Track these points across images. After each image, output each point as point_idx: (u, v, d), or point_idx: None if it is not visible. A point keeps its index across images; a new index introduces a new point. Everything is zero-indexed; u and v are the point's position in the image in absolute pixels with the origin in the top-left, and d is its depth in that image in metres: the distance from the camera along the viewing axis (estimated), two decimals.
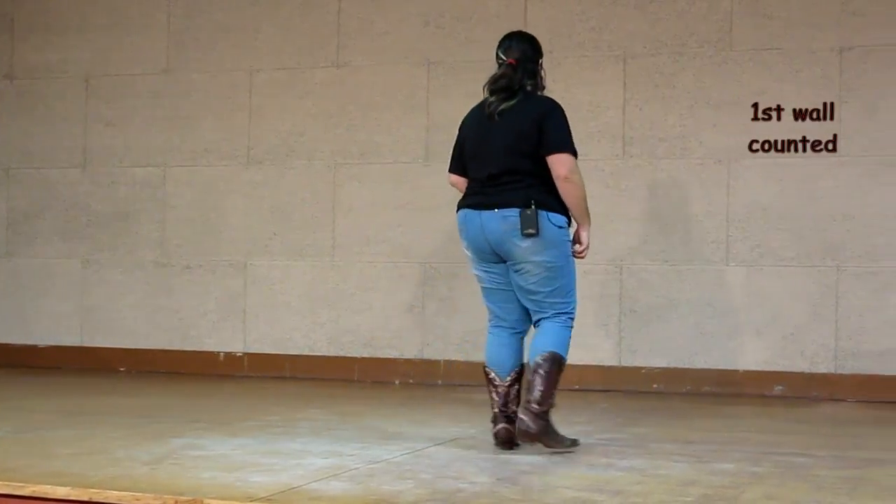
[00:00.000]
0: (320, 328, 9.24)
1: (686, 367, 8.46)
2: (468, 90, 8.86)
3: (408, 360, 8.96)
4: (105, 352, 9.78)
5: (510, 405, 5.82)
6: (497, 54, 5.96)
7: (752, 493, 4.72)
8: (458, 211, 5.85)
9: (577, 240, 5.81)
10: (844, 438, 6.46)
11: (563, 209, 5.71)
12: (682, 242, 8.49)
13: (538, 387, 5.66)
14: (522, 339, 5.99)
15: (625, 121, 8.63)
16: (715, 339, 8.42)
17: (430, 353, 8.96)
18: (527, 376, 5.77)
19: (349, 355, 9.17)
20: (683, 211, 8.47)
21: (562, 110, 5.80)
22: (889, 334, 8.14)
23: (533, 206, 5.59)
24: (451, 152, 6.03)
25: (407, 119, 9.09)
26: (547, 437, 5.66)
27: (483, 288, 5.96)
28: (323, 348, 9.22)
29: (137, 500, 4.46)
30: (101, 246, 9.86)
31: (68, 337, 9.92)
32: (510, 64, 5.83)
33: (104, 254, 9.85)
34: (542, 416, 5.65)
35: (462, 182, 5.94)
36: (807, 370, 8.26)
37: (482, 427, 6.52)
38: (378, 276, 9.11)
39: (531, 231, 5.57)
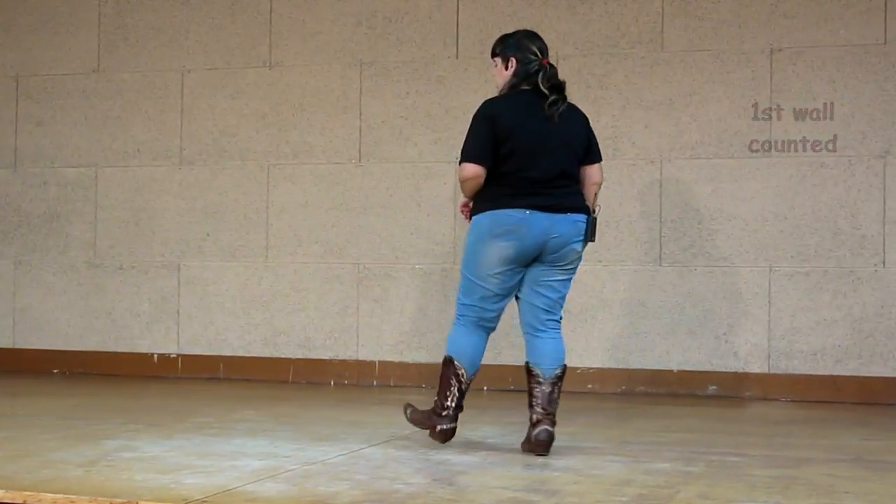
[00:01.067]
0: (254, 329, 9.22)
1: (620, 367, 8.51)
2: (400, 90, 8.92)
3: (342, 361, 8.95)
4: (37, 353, 9.70)
5: (462, 405, 5.87)
6: (531, 49, 5.81)
7: (687, 493, 4.76)
8: (507, 209, 5.64)
9: None
10: (777, 438, 6.52)
11: None
12: (614, 243, 8.54)
13: (557, 399, 5.80)
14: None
15: None
16: (648, 339, 8.48)
17: (365, 354, 8.96)
18: (543, 388, 5.77)
19: (284, 356, 9.16)
20: (616, 211, 8.51)
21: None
22: (821, 334, 8.23)
23: (593, 215, 5.75)
24: (478, 143, 5.74)
25: (340, 119, 9.09)
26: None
27: (486, 290, 5.77)
28: (257, 349, 9.19)
29: (72, 502, 4.43)
30: (33, 247, 9.78)
31: (0, 338, 9.82)
32: (546, 64, 5.78)
33: (36, 254, 9.77)
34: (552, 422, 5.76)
35: (483, 175, 5.71)
36: (740, 370, 8.33)
37: (417, 428, 6.52)
38: (312, 276, 9.10)
39: (593, 239, 5.77)
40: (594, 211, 5.76)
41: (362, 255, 8.94)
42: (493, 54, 5.97)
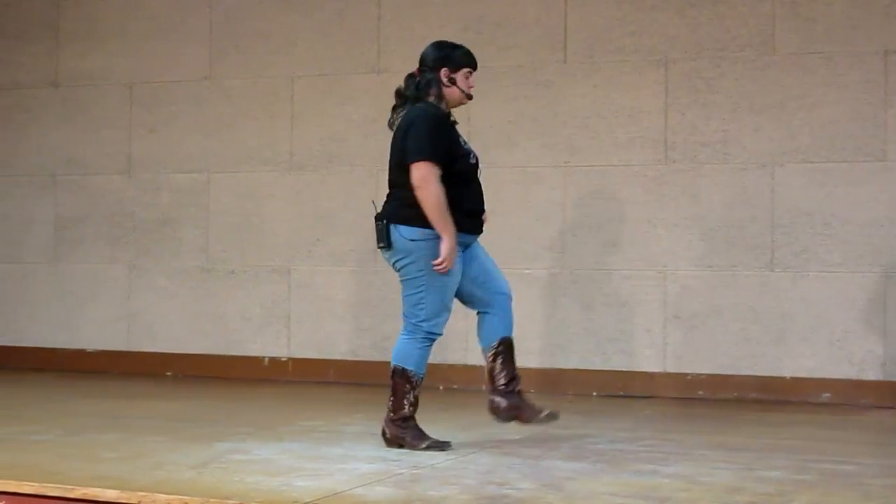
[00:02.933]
0: (364, 333, 9.26)
1: (731, 373, 8.42)
2: (507, 95, 8.92)
3: (451, 366, 8.95)
4: (151, 356, 9.84)
5: (497, 379, 6.26)
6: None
7: (799, 502, 4.70)
8: None
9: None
10: (893, 447, 6.43)
11: (422, 221, 5.77)
12: (725, 248, 8.46)
13: (391, 396, 6.02)
14: (485, 317, 6.40)
15: (666, 126, 8.61)
16: (760, 346, 8.39)
17: (473, 359, 8.94)
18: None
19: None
20: (727, 216, 8.44)
21: (427, 117, 5.85)
22: None
23: (384, 220, 5.82)
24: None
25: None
26: (406, 440, 5.93)
27: None
28: (366, 353, 9.23)
29: (185, 503, 4.48)
30: (146, 251, 9.92)
31: (114, 341, 9.98)
32: (410, 74, 6.02)
33: (149, 259, 9.91)
34: (396, 422, 5.96)
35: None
36: (854, 377, 8.21)
37: (528, 433, 6.52)
38: None
39: (381, 244, 5.86)
40: (382, 220, 5.84)
41: None
42: None
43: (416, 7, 9.25)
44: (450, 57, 6.12)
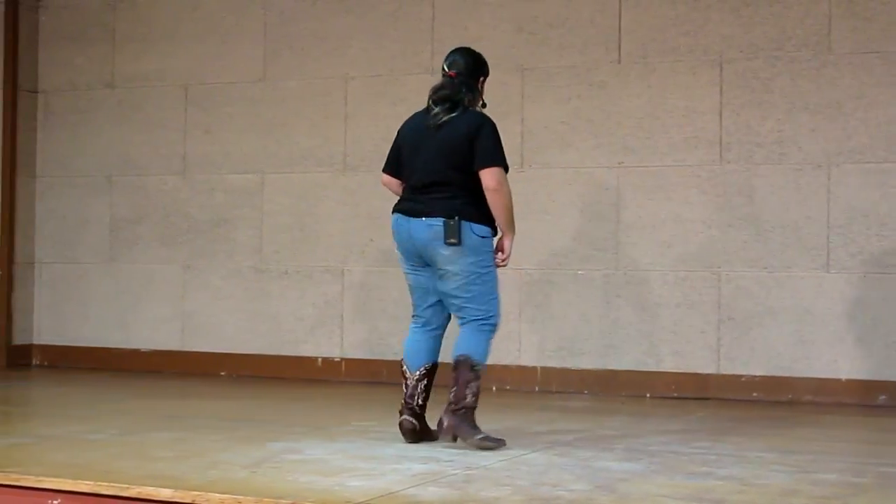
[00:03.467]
0: None
1: (785, 375, 8.37)
2: (561, 96, 8.90)
3: (504, 367, 8.94)
4: (204, 356, 9.89)
5: (416, 398, 6.18)
6: (442, 67, 6.31)
7: None
8: (392, 215, 6.21)
9: (500, 248, 6.13)
10: None
11: (487, 220, 6.04)
12: (780, 249, 8.41)
13: (453, 386, 6.05)
14: (437, 337, 6.32)
15: (721, 126, 8.56)
16: (815, 347, 8.32)
17: (527, 360, 8.95)
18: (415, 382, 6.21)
19: (446, 361, 9.16)
20: (782, 217, 8.39)
21: (493, 125, 6.12)
22: None
23: (456, 217, 5.93)
24: (389, 153, 6.38)
25: (501, 125, 8.98)
26: (461, 431, 5.98)
27: (409, 286, 6.31)
28: None
29: (238, 502, 4.51)
30: (200, 252, 9.97)
31: (169, 341, 10.04)
32: (451, 76, 6.20)
33: (203, 260, 9.96)
34: (458, 413, 5.99)
35: (394, 183, 6.35)
36: None
37: (580, 434, 6.52)
38: None
39: (453, 241, 5.93)
40: (455, 216, 5.94)
41: (524, 260, 8.92)
42: None
43: (469, 8, 9.25)
44: (485, 66, 6.45)
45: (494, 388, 8.89)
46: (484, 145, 6.02)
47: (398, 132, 6.35)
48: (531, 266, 8.94)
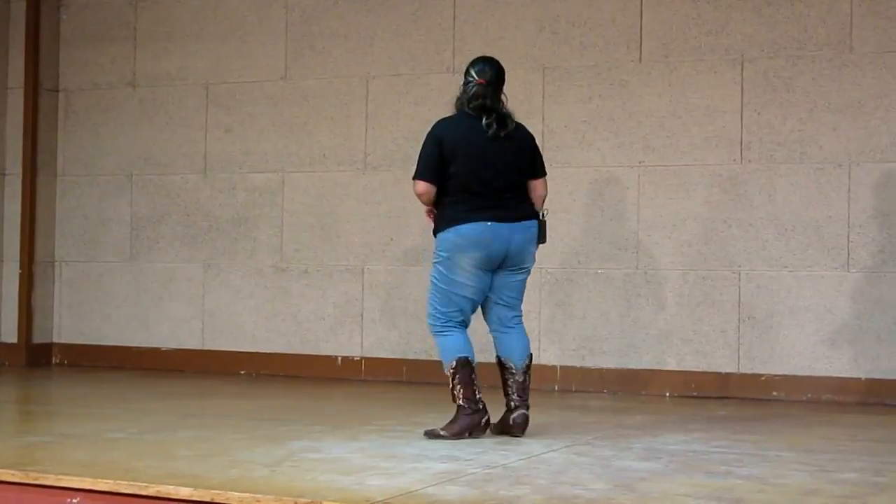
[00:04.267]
0: None
1: (806, 374, 8.35)
2: (583, 95, 8.90)
3: None
4: (225, 355, 9.91)
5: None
6: (467, 72, 6.51)
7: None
8: (469, 223, 6.25)
9: None
10: None
11: None
12: (801, 248, 8.39)
13: (528, 385, 6.44)
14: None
15: (742, 125, 8.55)
16: (836, 347, 8.30)
17: (547, 359, 8.94)
18: (517, 378, 6.40)
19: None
20: (803, 216, 8.37)
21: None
22: None
23: (542, 218, 6.46)
24: (427, 161, 6.37)
25: (523, 124, 9.07)
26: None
27: (464, 296, 6.36)
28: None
29: (258, 501, 4.52)
30: (222, 251, 10.00)
31: (190, 340, 10.06)
32: (481, 83, 6.42)
33: (224, 258, 9.99)
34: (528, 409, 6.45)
35: (434, 192, 6.36)
36: None
37: (599, 433, 6.52)
38: None
39: (544, 241, 6.48)
40: (542, 215, 6.46)
41: (544, 259, 8.91)
42: None
43: (491, 7, 9.25)
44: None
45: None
46: (540, 157, 6.57)
47: (440, 141, 6.36)
48: (552, 265, 8.93)
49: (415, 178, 6.40)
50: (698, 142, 8.65)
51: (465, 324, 6.41)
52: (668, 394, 8.57)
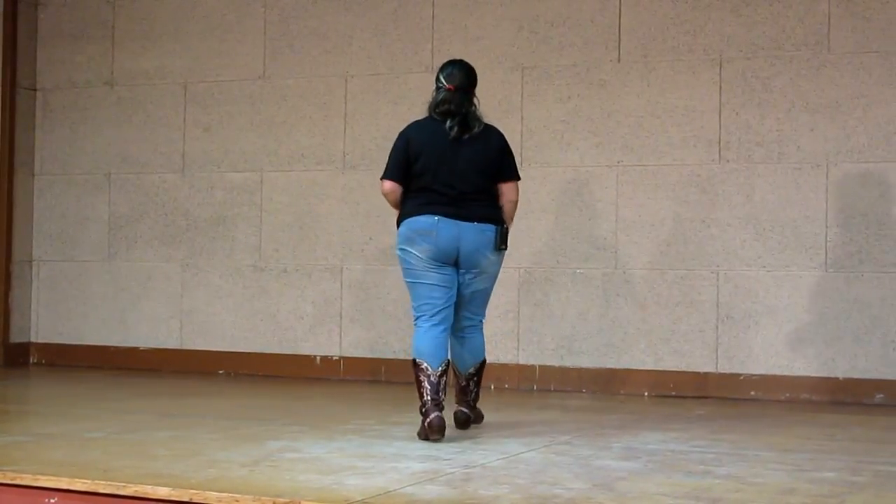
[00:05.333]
0: None
1: (784, 374, 8.37)
2: (561, 95, 8.91)
3: (503, 365, 8.94)
4: (204, 354, 9.89)
5: (441, 394, 6.28)
6: (437, 78, 6.60)
7: (852, 503, 4.66)
8: (418, 216, 6.38)
9: None
10: None
11: None
12: (779, 248, 8.41)
13: (473, 389, 6.64)
14: (448, 336, 6.50)
15: (721, 125, 8.57)
16: (813, 346, 8.33)
17: (525, 358, 8.95)
18: (460, 382, 6.63)
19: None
20: (781, 216, 8.39)
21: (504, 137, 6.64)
22: None
23: (504, 225, 6.46)
24: (393, 162, 6.51)
25: (501, 124, 9.01)
26: (478, 419, 6.74)
27: (426, 285, 6.41)
28: None
29: (237, 501, 4.51)
30: (200, 250, 9.98)
31: (168, 339, 10.04)
32: (449, 90, 6.48)
33: (202, 258, 9.97)
34: (475, 408, 6.70)
35: (399, 191, 6.50)
36: None
37: (578, 433, 6.53)
38: None
39: (504, 246, 6.45)
40: (501, 224, 6.43)
41: (523, 259, 8.94)
42: None
43: (470, 7, 9.25)
44: (476, 80, 6.73)
45: (493, 387, 8.90)
46: (510, 160, 6.58)
47: (407, 142, 6.49)
48: (530, 264, 8.94)
49: (382, 177, 6.56)
50: (676, 142, 8.66)
51: (440, 316, 6.39)
52: (646, 393, 8.58)
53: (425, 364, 6.28)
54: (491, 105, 9.10)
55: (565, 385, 8.81)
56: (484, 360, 6.68)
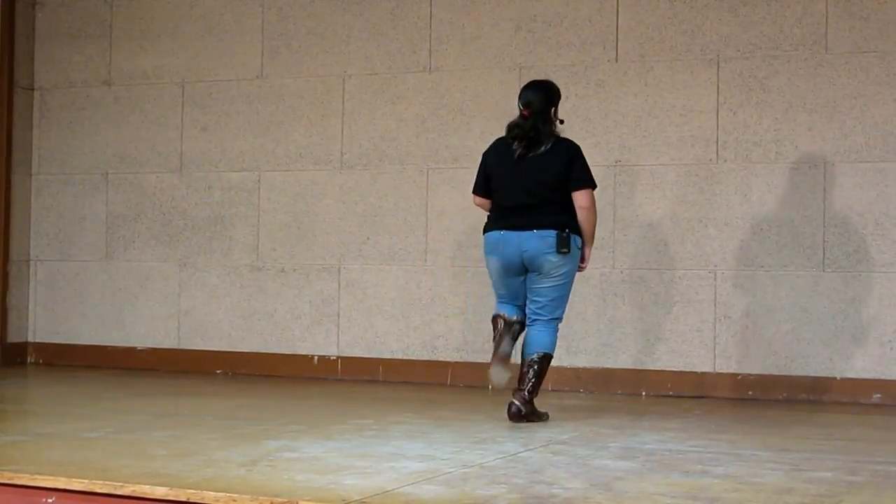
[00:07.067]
0: (413, 332, 9.27)
1: (781, 373, 8.37)
2: None
3: None
4: (201, 354, 9.89)
5: (510, 334, 7.10)
6: (518, 104, 7.15)
7: (849, 503, 4.67)
8: (490, 231, 7.14)
9: (582, 257, 7.08)
10: None
11: (579, 232, 7.02)
12: (776, 248, 8.41)
13: (531, 379, 6.94)
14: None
15: (718, 125, 8.57)
16: (811, 346, 8.33)
17: None
18: (522, 368, 6.98)
19: (442, 359, 9.19)
20: (778, 216, 8.39)
21: (581, 151, 7.07)
22: None
23: (567, 231, 6.91)
24: (477, 178, 7.29)
25: (499, 123, 9.02)
26: (532, 416, 6.96)
27: (499, 293, 7.19)
28: (416, 352, 9.24)
29: (234, 501, 4.50)
30: (197, 250, 9.97)
31: (165, 339, 10.04)
32: (524, 116, 7.06)
33: (200, 257, 9.96)
34: (531, 402, 6.96)
35: (486, 203, 7.26)
36: None
37: (575, 432, 6.53)
38: (471, 280, 9.12)
39: (565, 250, 6.90)
40: (564, 230, 6.92)
41: None
42: None
43: (468, 6, 9.25)
44: (556, 94, 7.27)
45: (491, 387, 8.89)
46: (578, 170, 7.00)
47: (485, 162, 7.25)
48: None
49: (472, 191, 7.36)
50: (674, 141, 8.67)
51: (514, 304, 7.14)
52: (644, 393, 8.58)
53: (502, 313, 7.10)
54: (489, 105, 9.13)
55: (563, 385, 8.81)
56: (547, 355, 7.00)
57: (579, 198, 6.99)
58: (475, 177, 7.30)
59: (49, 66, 10.54)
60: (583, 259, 7.07)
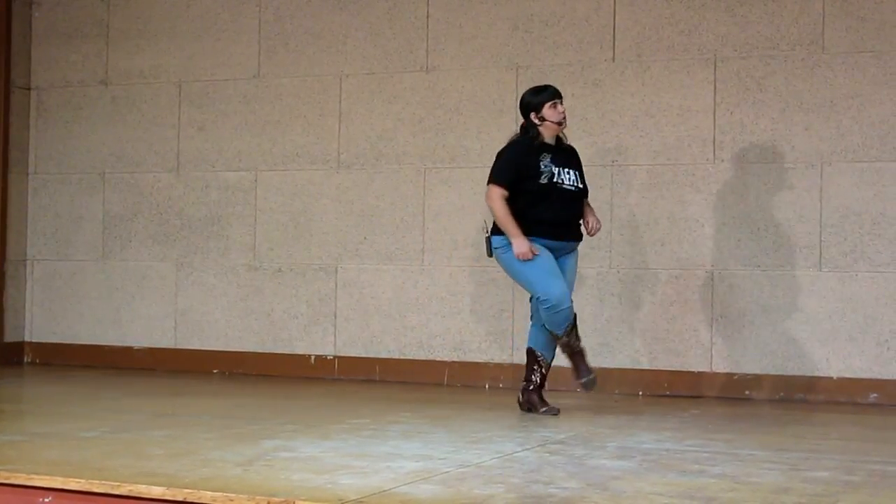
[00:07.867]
0: (410, 332, 9.27)
1: (778, 373, 8.38)
2: None
3: (497, 365, 8.95)
4: (198, 354, 9.89)
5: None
6: None
7: (846, 502, 4.67)
8: None
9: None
10: None
11: (498, 231, 7.30)
12: (773, 247, 8.42)
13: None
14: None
15: (715, 124, 8.57)
16: (808, 346, 8.34)
17: (520, 358, 8.91)
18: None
19: (439, 359, 9.19)
20: (775, 216, 8.40)
21: (505, 150, 7.40)
22: None
23: (488, 233, 7.36)
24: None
25: (496, 123, 9.09)
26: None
27: None
28: (413, 352, 9.24)
29: (231, 500, 4.50)
30: (194, 249, 9.97)
31: (162, 339, 10.04)
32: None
33: (197, 257, 9.96)
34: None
35: None
36: None
37: (572, 432, 6.53)
38: (467, 280, 9.12)
39: (490, 255, 7.41)
40: (486, 230, 7.40)
41: None
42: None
43: (465, 6, 9.25)
44: (527, 105, 7.48)
45: (487, 386, 8.91)
46: (494, 164, 7.38)
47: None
48: None
49: None
50: (671, 141, 8.67)
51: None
52: (641, 393, 8.58)
53: (540, 357, 7.59)
54: (486, 104, 9.13)
55: (559, 384, 8.80)
56: (529, 349, 7.57)
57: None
58: None
59: (46, 66, 10.53)
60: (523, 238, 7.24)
